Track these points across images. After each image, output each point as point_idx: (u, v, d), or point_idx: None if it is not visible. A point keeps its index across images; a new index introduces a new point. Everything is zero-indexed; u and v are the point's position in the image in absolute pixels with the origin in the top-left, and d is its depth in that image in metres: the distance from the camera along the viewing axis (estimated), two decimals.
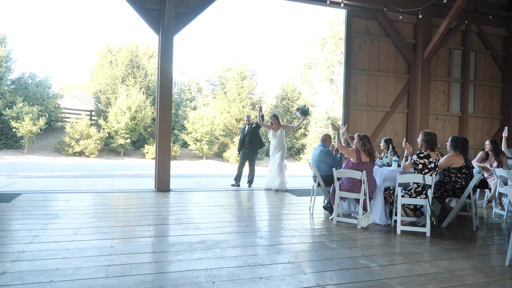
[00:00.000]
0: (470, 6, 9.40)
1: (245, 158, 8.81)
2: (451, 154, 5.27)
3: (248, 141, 8.64)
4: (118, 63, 26.12)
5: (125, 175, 13.14)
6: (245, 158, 8.81)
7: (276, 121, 8.32)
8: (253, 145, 8.67)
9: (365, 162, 5.11)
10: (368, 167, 5.12)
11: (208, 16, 63.24)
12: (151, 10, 7.76)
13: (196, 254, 3.72)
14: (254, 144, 8.66)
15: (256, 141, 8.68)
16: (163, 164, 7.78)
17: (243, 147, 8.77)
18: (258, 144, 8.72)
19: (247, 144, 8.67)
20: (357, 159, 5.10)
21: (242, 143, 8.81)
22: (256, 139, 8.67)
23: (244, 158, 8.83)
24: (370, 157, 5.14)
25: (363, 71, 9.26)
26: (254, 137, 8.65)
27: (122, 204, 6.32)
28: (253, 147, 8.69)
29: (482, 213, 6.24)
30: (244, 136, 8.74)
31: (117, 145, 22.97)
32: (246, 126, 8.81)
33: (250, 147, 8.67)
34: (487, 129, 10.38)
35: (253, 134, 8.65)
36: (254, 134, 8.66)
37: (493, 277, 3.31)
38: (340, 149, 5.30)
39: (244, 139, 8.76)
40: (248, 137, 8.65)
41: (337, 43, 31.47)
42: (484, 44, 10.23)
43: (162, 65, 7.79)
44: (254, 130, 8.70)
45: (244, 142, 8.73)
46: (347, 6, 8.93)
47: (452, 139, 5.37)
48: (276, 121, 8.32)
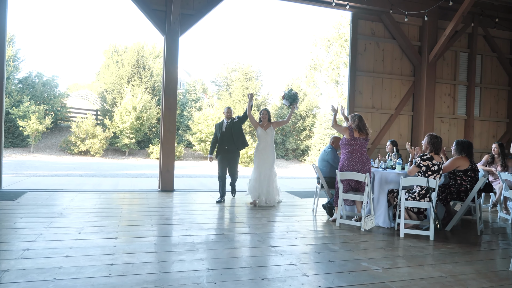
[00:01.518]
0: (476, 8, 9.35)
1: (224, 163, 6.83)
2: (456, 157, 5.25)
3: (228, 140, 6.74)
4: (124, 63, 26.26)
5: (129, 175, 13.20)
6: (224, 163, 6.83)
7: (267, 116, 6.70)
8: (235, 144, 6.76)
9: (357, 138, 5.31)
10: (360, 142, 5.31)
11: (214, 17, 63.43)
12: (157, 11, 7.80)
13: (198, 254, 3.73)
14: (236, 143, 6.76)
15: (239, 139, 6.80)
16: (167, 164, 7.82)
17: (221, 148, 6.78)
18: (241, 143, 6.82)
19: (226, 144, 6.74)
20: (350, 135, 5.30)
21: (220, 143, 6.79)
22: (239, 137, 6.79)
23: (223, 164, 6.82)
24: (361, 133, 5.33)
25: (368, 73, 9.24)
26: (237, 135, 6.77)
27: (126, 203, 6.36)
28: (234, 148, 6.77)
29: (487, 217, 6.20)
30: (223, 134, 6.79)
31: (122, 144, 23.08)
32: (224, 121, 6.86)
33: (231, 148, 6.76)
34: (493, 132, 10.31)
35: (235, 130, 6.77)
36: (236, 131, 6.78)
37: (496, 282, 3.28)
38: (335, 127, 5.58)
39: (222, 138, 6.78)
40: (229, 134, 6.74)
41: (342, 45, 31.42)
42: (491, 46, 10.16)
43: (167, 66, 7.83)
44: (237, 126, 6.81)
45: (223, 142, 6.76)
46: (353, 8, 8.92)
47: (457, 143, 5.37)
48: (266, 117, 6.69)
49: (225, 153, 6.75)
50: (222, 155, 6.78)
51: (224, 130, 6.77)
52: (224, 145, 6.75)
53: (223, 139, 6.75)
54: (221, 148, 6.77)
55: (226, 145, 6.73)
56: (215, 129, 6.97)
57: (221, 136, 6.77)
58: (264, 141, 6.57)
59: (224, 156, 6.77)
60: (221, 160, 6.80)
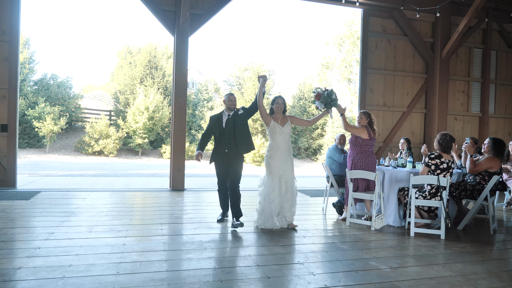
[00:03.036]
0: (490, 3, 9.15)
1: (222, 169, 5.01)
2: (490, 157, 5.07)
3: (229, 140, 4.89)
4: (137, 64, 26.56)
5: (141, 175, 13.35)
6: (222, 169, 5.01)
7: (282, 107, 5.00)
8: (237, 146, 4.89)
9: (374, 138, 5.30)
10: (373, 142, 5.33)
11: (225, 16, 63.60)
12: (167, 11, 7.86)
13: (206, 253, 3.75)
14: (239, 145, 4.89)
15: (244, 140, 4.94)
16: (178, 163, 7.87)
17: (219, 151, 4.95)
18: (245, 145, 4.96)
19: (226, 145, 4.89)
20: (369, 135, 5.21)
21: (217, 144, 5.00)
22: (243, 137, 4.95)
23: (222, 170, 5.02)
24: (374, 132, 5.34)
25: (380, 70, 9.14)
26: (241, 133, 4.92)
27: (137, 202, 6.43)
28: (235, 151, 4.90)
29: (501, 216, 6.06)
30: (222, 131, 4.94)
31: (135, 144, 23.35)
32: (225, 113, 5.02)
33: (232, 151, 4.89)
34: (509, 129, 10.08)
35: (240, 126, 4.93)
36: (240, 127, 4.93)
37: (507, 281, 3.21)
38: (349, 129, 5.24)
39: (221, 137, 4.95)
40: (230, 132, 4.89)
41: (355, 42, 31.15)
42: (506, 42, 9.94)
43: (177, 66, 7.89)
44: (241, 121, 4.96)
45: (221, 142, 4.94)
46: (363, 5, 8.83)
47: (495, 142, 5.12)
48: (282, 107, 4.98)
49: (224, 157, 4.91)
50: (219, 160, 4.96)
51: (225, 125, 4.92)
52: (223, 147, 4.90)
53: (222, 138, 4.91)
54: (219, 150, 4.93)
55: (226, 147, 4.88)
56: (210, 123, 5.07)
57: (220, 134, 4.93)
58: (280, 140, 4.87)
59: (222, 161, 4.95)
60: (219, 165, 5.01)
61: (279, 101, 5.01)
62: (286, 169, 4.86)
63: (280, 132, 4.90)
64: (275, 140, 4.89)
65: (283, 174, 4.84)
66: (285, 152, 4.90)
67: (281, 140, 4.89)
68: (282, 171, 4.83)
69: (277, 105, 4.97)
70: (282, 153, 4.87)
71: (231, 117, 4.97)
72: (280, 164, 4.84)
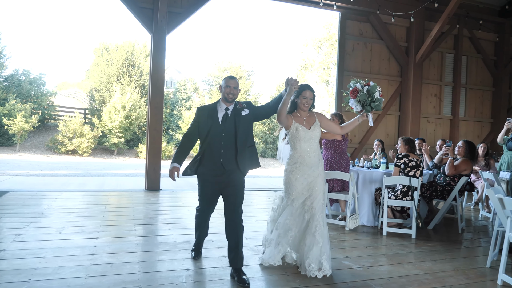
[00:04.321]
0: (462, 10, 9.47)
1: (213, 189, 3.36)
2: (464, 160, 5.21)
3: (229, 142, 3.29)
4: (113, 62, 26.02)
5: (116, 174, 13.08)
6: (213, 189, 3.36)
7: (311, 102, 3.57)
8: (243, 155, 3.31)
9: (347, 138, 5.45)
10: (346, 143, 5.43)
11: (205, 16, 63.26)
12: (144, 8, 7.74)
13: (180, 254, 3.71)
14: (243, 151, 3.32)
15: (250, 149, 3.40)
16: (154, 163, 7.76)
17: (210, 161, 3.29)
18: (251, 157, 3.41)
19: (223, 150, 3.27)
20: (342, 136, 5.30)
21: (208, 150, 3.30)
22: (249, 144, 3.39)
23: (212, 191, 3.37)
24: (347, 134, 5.43)
25: (356, 73, 9.28)
26: (244, 137, 3.33)
27: (111, 203, 6.29)
28: (234, 166, 3.29)
29: (469, 216, 6.28)
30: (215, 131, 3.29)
31: (110, 144, 22.87)
32: (220, 104, 3.37)
33: (230, 165, 3.27)
34: (478, 132, 10.45)
35: (243, 128, 3.32)
36: (244, 129, 3.33)
37: (473, 278, 3.33)
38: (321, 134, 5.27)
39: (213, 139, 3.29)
40: (229, 130, 3.29)
41: (333, 45, 31.52)
42: (476, 48, 10.30)
43: (154, 64, 7.78)
44: (245, 123, 3.35)
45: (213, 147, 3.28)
46: (340, 9, 8.95)
47: (471, 145, 5.27)
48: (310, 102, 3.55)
49: (218, 171, 3.26)
50: (209, 174, 3.30)
51: (221, 121, 3.29)
52: (216, 154, 3.26)
53: (216, 140, 3.26)
54: (210, 159, 3.28)
55: (221, 156, 3.25)
56: (198, 116, 3.36)
57: (213, 134, 3.26)
58: (306, 148, 3.49)
59: (214, 176, 3.28)
60: (207, 183, 3.34)
61: (307, 95, 3.49)
62: (313, 189, 3.46)
63: (305, 137, 3.48)
64: (298, 149, 3.49)
65: (309, 197, 3.45)
66: (313, 165, 3.48)
67: (307, 149, 3.48)
68: (307, 193, 3.47)
69: (305, 100, 3.50)
70: (309, 167, 3.46)
71: (231, 113, 3.31)
72: (306, 183, 3.45)
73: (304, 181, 3.47)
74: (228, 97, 3.32)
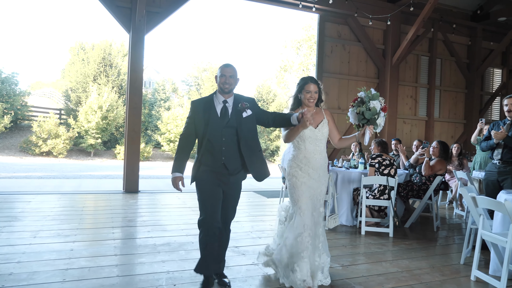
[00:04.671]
0: (436, 14, 9.74)
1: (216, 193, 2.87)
2: (439, 160, 5.36)
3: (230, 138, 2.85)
4: (90, 61, 25.46)
5: (93, 176, 12.80)
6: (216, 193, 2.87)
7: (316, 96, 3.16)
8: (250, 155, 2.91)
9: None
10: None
11: (184, 15, 62.69)
12: (122, 8, 7.61)
13: (159, 256, 3.67)
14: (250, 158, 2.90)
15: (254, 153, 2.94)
16: (132, 165, 7.64)
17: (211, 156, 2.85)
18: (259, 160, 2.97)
19: (224, 147, 2.83)
20: None
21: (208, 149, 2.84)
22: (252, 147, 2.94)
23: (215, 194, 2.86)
24: None
25: (335, 74, 9.42)
26: (248, 140, 2.91)
27: (88, 205, 6.16)
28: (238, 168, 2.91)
29: (444, 214, 6.46)
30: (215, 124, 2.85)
31: (87, 145, 22.37)
32: (218, 96, 2.93)
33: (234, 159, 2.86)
34: (452, 133, 10.77)
35: (246, 130, 2.90)
36: (247, 131, 2.91)
37: (448, 275, 3.43)
38: None
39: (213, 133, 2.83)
40: (231, 124, 2.86)
41: (312, 46, 31.88)
42: (449, 51, 10.62)
43: (133, 64, 7.67)
44: (248, 123, 2.91)
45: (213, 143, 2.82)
46: (319, 11, 9.06)
47: (445, 145, 5.43)
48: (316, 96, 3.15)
49: (220, 172, 2.86)
50: (211, 177, 2.86)
51: (220, 115, 2.88)
52: (216, 153, 2.84)
53: (215, 137, 2.84)
54: (211, 159, 2.85)
55: (222, 154, 2.84)
56: (192, 111, 2.91)
57: (212, 129, 2.83)
58: (312, 149, 3.11)
59: (216, 178, 2.86)
60: (209, 186, 2.85)
61: (310, 88, 3.09)
62: (319, 195, 3.12)
63: (311, 136, 3.08)
64: (303, 150, 3.09)
65: (317, 203, 3.10)
66: (319, 167, 3.10)
67: (313, 150, 3.09)
68: (315, 199, 3.08)
69: (308, 95, 3.09)
70: (314, 170, 3.08)
71: (232, 107, 2.89)
72: (313, 188, 3.07)
73: (311, 185, 3.06)
74: (224, 88, 2.86)
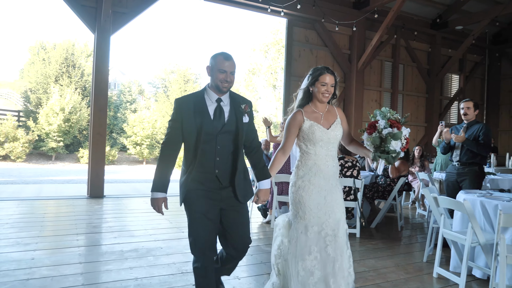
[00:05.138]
0: (399, 22, 10.14)
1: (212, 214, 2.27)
2: (404, 161, 5.58)
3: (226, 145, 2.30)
4: (51, 61, 24.46)
5: (55, 181, 12.28)
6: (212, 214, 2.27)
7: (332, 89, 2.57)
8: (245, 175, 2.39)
9: None
10: None
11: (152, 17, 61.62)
12: (87, 7, 7.38)
13: (127, 263, 3.57)
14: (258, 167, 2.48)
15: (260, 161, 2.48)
16: (97, 169, 7.40)
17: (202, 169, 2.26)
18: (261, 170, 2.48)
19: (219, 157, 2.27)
20: None
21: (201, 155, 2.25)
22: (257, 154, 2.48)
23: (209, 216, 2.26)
24: None
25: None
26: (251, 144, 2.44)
27: (49, 212, 5.90)
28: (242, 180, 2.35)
29: (407, 214, 6.71)
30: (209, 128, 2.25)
31: (48, 148, 21.45)
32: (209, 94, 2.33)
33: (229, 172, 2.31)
34: (414, 135, 11.22)
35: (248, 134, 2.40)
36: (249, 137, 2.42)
37: (412, 273, 3.56)
38: (273, 140, 5.51)
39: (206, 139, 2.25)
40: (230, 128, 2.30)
41: (280, 50, 32.24)
42: (411, 57, 11.08)
43: (98, 65, 7.45)
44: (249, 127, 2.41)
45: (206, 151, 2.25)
46: (288, 15, 9.19)
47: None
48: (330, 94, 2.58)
49: (214, 188, 2.30)
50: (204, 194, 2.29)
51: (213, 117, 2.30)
52: (209, 164, 2.28)
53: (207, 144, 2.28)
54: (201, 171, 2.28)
55: (215, 166, 2.28)
56: (177, 112, 2.29)
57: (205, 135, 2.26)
58: (323, 154, 2.60)
59: (210, 197, 2.29)
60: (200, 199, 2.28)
61: (326, 79, 2.55)
62: (332, 209, 2.52)
63: (323, 139, 2.57)
64: (312, 155, 2.58)
65: (328, 220, 2.50)
66: (331, 176, 2.60)
67: (325, 155, 2.59)
68: (326, 215, 2.50)
69: (324, 88, 2.56)
70: (326, 180, 2.57)
71: (229, 106, 2.35)
72: (323, 201, 2.52)
73: (320, 199, 2.50)
74: (222, 87, 2.28)
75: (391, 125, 2.46)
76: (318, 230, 2.47)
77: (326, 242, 2.44)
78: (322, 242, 2.44)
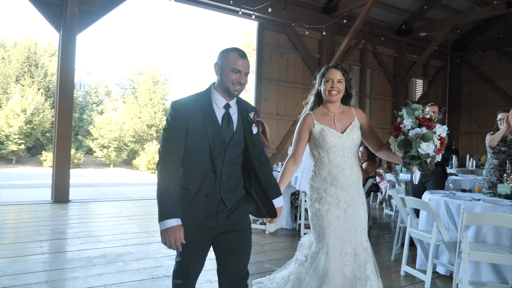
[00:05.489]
0: (367, 27, 10.43)
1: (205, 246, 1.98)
2: (371, 162, 5.74)
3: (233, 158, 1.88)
4: (12, 60, 23.39)
5: (16, 186, 11.72)
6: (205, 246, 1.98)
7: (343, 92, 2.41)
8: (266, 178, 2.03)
9: (267, 145, 5.75)
10: (267, 149, 5.83)
11: (119, 17, 60.18)
12: (52, 5, 7.12)
13: (95, 269, 3.46)
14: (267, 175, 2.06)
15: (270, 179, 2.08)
16: (62, 172, 7.13)
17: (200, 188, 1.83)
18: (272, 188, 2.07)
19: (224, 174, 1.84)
20: (263, 143, 5.58)
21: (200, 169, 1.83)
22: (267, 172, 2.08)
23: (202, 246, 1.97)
24: (267, 141, 5.78)
25: (274, 81, 9.65)
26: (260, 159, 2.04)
27: (10, 218, 5.62)
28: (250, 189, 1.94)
29: (375, 214, 6.89)
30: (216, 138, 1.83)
31: (8, 151, 20.46)
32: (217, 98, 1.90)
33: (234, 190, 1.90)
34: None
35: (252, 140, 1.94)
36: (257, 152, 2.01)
37: (380, 271, 3.62)
38: None
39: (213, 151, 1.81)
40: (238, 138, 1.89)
41: (250, 53, 32.33)
42: (378, 62, 11.43)
43: (63, 65, 7.18)
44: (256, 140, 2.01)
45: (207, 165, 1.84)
46: (259, 18, 9.24)
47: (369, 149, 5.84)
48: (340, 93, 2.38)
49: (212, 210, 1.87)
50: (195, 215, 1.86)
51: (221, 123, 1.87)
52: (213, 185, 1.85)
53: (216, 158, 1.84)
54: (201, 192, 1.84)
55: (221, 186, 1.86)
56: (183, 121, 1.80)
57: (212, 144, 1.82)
58: (338, 161, 2.35)
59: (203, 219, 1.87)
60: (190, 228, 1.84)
61: (330, 75, 2.35)
62: (353, 224, 2.29)
63: (336, 145, 2.33)
64: (327, 164, 2.35)
65: (350, 239, 2.26)
66: (350, 186, 2.33)
67: (340, 163, 2.34)
68: (348, 233, 2.26)
69: (329, 85, 2.34)
70: (345, 190, 2.31)
71: (237, 116, 1.96)
72: (343, 214, 2.28)
73: (340, 212, 2.25)
74: (233, 90, 1.89)
75: (419, 124, 2.04)
76: (339, 250, 2.19)
77: (346, 262, 2.17)
78: (342, 263, 2.18)
